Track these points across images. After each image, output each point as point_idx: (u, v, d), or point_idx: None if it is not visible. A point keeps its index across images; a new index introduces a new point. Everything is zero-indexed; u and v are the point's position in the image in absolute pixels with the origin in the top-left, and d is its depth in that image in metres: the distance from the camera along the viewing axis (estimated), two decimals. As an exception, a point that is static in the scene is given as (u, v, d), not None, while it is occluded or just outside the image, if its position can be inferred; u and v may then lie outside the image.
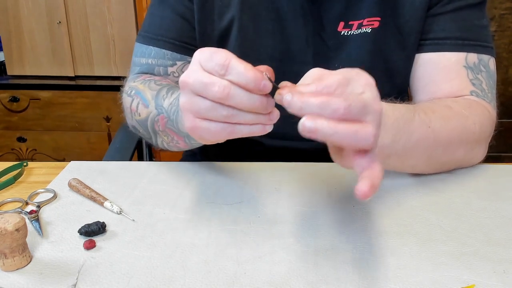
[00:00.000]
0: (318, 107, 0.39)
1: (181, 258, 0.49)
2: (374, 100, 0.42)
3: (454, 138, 0.62)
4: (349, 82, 0.41)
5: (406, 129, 0.56)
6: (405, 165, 0.62)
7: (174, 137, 0.64)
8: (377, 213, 0.57)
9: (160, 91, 0.65)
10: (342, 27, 0.71)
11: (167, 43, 0.75)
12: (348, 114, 0.39)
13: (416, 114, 0.58)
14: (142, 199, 0.60)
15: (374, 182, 0.40)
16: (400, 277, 0.46)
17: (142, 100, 0.68)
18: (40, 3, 1.96)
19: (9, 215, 0.47)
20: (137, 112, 0.69)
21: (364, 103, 0.40)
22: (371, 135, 0.40)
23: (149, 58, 0.76)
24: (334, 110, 0.39)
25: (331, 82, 0.41)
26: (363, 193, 0.39)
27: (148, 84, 0.69)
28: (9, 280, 0.46)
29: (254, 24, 0.72)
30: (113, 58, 2.02)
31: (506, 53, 2.01)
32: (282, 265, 0.48)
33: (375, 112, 0.41)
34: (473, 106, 0.66)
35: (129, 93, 0.72)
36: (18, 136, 2.09)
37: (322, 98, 0.39)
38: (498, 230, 0.53)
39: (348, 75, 0.42)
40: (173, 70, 0.76)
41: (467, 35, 0.69)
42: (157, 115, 0.64)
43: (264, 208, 0.58)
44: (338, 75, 0.41)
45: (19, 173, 0.67)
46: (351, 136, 0.39)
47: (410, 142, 0.57)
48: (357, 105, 0.40)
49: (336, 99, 0.39)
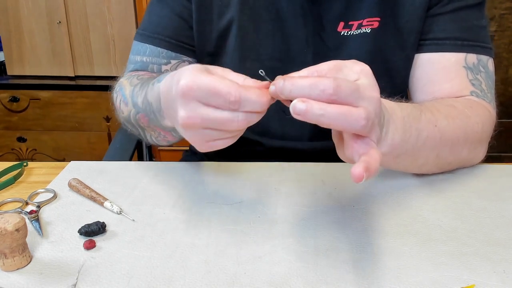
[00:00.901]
0: (307, 88, 0.39)
1: (181, 258, 0.49)
2: (370, 86, 0.41)
3: (459, 138, 0.62)
4: (342, 69, 0.41)
5: (415, 128, 0.55)
6: (414, 165, 0.61)
7: (160, 132, 0.64)
8: (377, 213, 0.57)
9: (135, 87, 0.65)
10: (342, 27, 0.71)
11: (163, 41, 0.75)
12: (338, 95, 0.39)
13: (423, 113, 0.58)
14: (142, 199, 0.60)
15: (370, 165, 0.39)
16: (400, 277, 0.46)
17: (122, 97, 0.68)
18: (40, 3, 1.96)
19: (9, 215, 0.47)
20: (120, 110, 0.69)
21: (356, 87, 0.40)
22: (362, 118, 0.39)
23: (143, 56, 0.76)
24: (322, 90, 0.39)
25: (322, 67, 0.41)
26: (357, 175, 0.38)
27: (131, 80, 0.70)
28: (9, 280, 0.46)
29: (254, 24, 0.72)
30: (113, 58, 2.02)
31: (506, 53, 2.01)
32: (282, 265, 0.48)
33: (371, 98, 0.41)
34: (475, 106, 0.66)
35: (116, 90, 0.72)
36: (18, 136, 2.09)
37: (311, 79, 0.39)
38: (498, 230, 0.53)
39: (342, 62, 0.42)
40: (167, 68, 0.76)
41: (467, 35, 0.70)
42: (136, 113, 0.64)
43: (264, 208, 0.58)
44: (331, 62, 0.42)
45: (19, 173, 0.67)
46: (340, 117, 0.39)
47: (419, 141, 0.56)
48: (347, 86, 0.39)
49: (325, 79, 0.39)
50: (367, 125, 0.40)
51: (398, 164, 0.60)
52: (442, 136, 0.59)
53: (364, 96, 0.40)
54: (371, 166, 0.39)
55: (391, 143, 0.52)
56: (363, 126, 0.40)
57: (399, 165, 0.60)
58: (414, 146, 0.56)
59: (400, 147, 0.54)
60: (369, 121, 0.40)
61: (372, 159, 0.40)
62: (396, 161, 0.58)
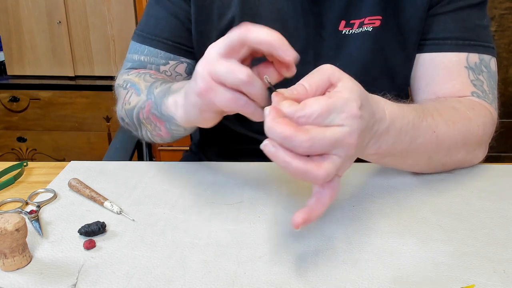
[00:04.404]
0: (283, 138, 0.41)
1: (181, 258, 0.49)
2: (350, 135, 0.43)
3: (457, 142, 0.62)
4: (331, 113, 0.42)
5: (410, 135, 0.55)
6: (402, 164, 0.62)
7: (156, 124, 0.64)
8: (377, 213, 0.57)
9: (156, 82, 0.67)
10: (343, 26, 0.70)
11: (161, 42, 0.75)
12: (310, 151, 0.42)
13: (424, 120, 0.57)
14: (142, 199, 0.60)
15: (310, 217, 0.44)
16: (400, 277, 0.46)
17: (135, 90, 0.69)
18: (40, 3, 1.96)
19: (9, 215, 0.47)
20: (128, 102, 0.70)
21: (335, 140, 0.42)
22: (320, 178, 0.42)
23: (141, 55, 0.77)
24: (295, 147, 0.41)
25: (311, 112, 0.42)
26: (295, 223, 0.44)
27: (144, 77, 0.71)
28: (9, 280, 0.46)
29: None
30: (113, 58, 2.02)
31: (506, 53, 2.01)
32: (282, 265, 0.48)
33: (347, 146, 0.43)
34: (476, 107, 0.66)
35: (124, 86, 0.73)
36: (18, 136, 2.10)
37: (289, 131, 0.41)
38: (498, 230, 0.53)
39: (334, 104, 0.42)
40: (165, 69, 0.77)
41: (468, 35, 0.69)
42: (145, 101, 0.65)
43: (264, 208, 0.58)
44: (322, 104, 0.42)
45: (19, 173, 0.67)
46: (300, 174, 0.42)
47: (411, 146, 0.56)
48: (321, 145, 0.41)
49: (301, 135, 0.41)
50: (326, 180, 0.43)
51: (385, 163, 0.61)
52: (439, 141, 0.59)
53: (339, 145, 0.42)
54: (311, 218, 0.44)
55: (376, 151, 0.53)
56: (321, 182, 0.43)
57: (386, 164, 0.61)
58: (403, 151, 0.56)
59: (387, 153, 0.54)
60: (329, 177, 0.43)
61: (314, 215, 0.45)
62: (383, 160, 0.59)
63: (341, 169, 0.45)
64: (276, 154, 0.42)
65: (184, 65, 0.77)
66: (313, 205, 0.45)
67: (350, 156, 0.44)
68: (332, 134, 0.42)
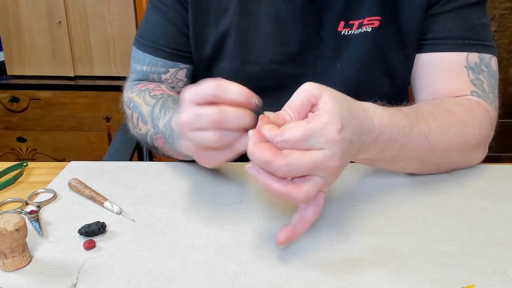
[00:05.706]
0: (263, 162, 0.42)
1: (181, 258, 0.49)
2: (331, 158, 0.43)
3: (451, 145, 0.61)
4: (310, 138, 0.43)
5: (400, 142, 0.54)
6: (394, 167, 0.61)
7: (173, 154, 0.66)
8: (377, 213, 0.57)
9: (154, 108, 0.67)
10: (342, 27, 0.70)
11: (159, 50, 0.76)
12: (288, 175, 0.43)
13: (416, 126, 0.56)
14: (142, 199, 0.60)
15: (293, 235, 0.46)
16: (400, 277, 0.46)
17: (140, 116, 0.70)
18: (40, 3, 1.96)
19: (9, 215, 0.47)
20: (137, 127, 0.71)
21: (314, 164, 0.43)
22: (300, 200, 0.44)
23: (143, 65, 0.78)
24: (274, 171, 0.42)
25: (288, 137, 0.43)
26: (279, 241, 0.46)
27: (144, 97, 0.71)
28: (9, 280, 0.46)
29: (254, 27, 0.72)
30: (113, 58, 2.02)
31: (506, 53, 2.01)
32: (282, 265, 0.48)
33: (326, 168, 0.44)
34: (474, 108, 0.65)
35: (128, 105, 0.74)
36: (18, 136, 2.09)
37: (269, 156, 0.42)
38: (498, 230, 0.53)
39: (312, 129, 0.43)
40: (167, 77, 0.77)
41: (468, 34, 0.69)
42: (155, 134, 0.66)
43: (264, 208, 0.58)
44: (300, 129, 0.43)
45: (19, 173, 0.67)
46: (281, 196, 0.43)
47: (400, 152, 0.56)
48: (300, 168, 0.42)
49: (278, 162, 0.42)
50: (307, 201, 0.45)
51: (375, 166, 0.62)
52: (431, 145, 0.59)
53: (319, 168, 0.43)
54: (294, 236, 0.47)
55: (364, 158, 0.53)
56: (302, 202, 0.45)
57: (377, 166, 0.62)
58: (393, 156, 0.56)
59: (376, 158, 0.54)
60: (309, 198, 0.44)
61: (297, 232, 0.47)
62: (373, 164, 0.60)
63: (324, 187, 0.46)
64: (258, 177, 0.43)
65: (184, 70, 0.78)
66: (296, 223, 0.47)
67: (333, 174, 0.45)
68: (310, 158, 0.42)
